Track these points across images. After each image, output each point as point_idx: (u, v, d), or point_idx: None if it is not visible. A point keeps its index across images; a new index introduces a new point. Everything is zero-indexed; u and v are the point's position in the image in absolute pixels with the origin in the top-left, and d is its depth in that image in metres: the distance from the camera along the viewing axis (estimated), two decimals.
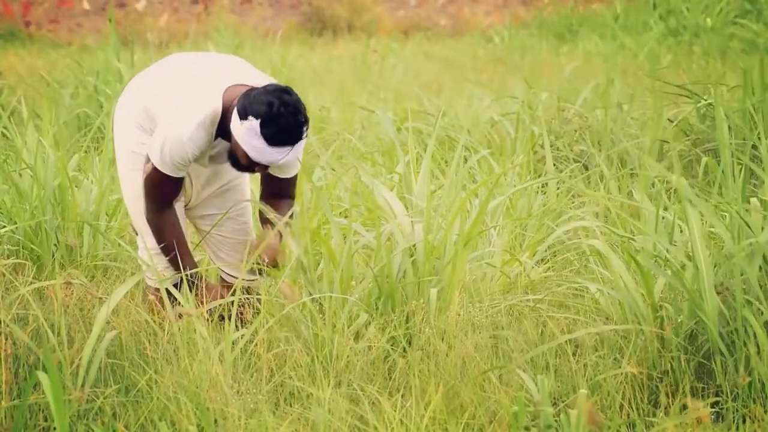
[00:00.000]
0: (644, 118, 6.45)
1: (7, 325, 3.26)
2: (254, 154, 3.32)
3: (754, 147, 5.46)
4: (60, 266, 4.36)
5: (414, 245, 3.61)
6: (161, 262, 3.58)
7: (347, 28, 15.17)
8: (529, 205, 4.72)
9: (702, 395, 3.19)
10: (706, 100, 5.98)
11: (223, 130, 3.41)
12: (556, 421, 2.91)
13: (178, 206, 3.58)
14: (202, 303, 3.50)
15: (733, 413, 3.14)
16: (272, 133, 3.27)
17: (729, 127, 5.65)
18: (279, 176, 3.55)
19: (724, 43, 11.69)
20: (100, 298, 3.69)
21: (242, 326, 3.55)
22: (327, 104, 8.13)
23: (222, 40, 12.29)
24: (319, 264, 3.73)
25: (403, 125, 6.44)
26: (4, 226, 4.46)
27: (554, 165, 5.95)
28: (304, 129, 3.32)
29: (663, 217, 4.04)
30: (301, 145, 3.36)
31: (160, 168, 3.40)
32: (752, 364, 3.15)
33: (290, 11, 16.10)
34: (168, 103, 3.42)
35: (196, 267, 3.56)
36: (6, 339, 3.25)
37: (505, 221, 4.33)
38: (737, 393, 3.17)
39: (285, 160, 3.35)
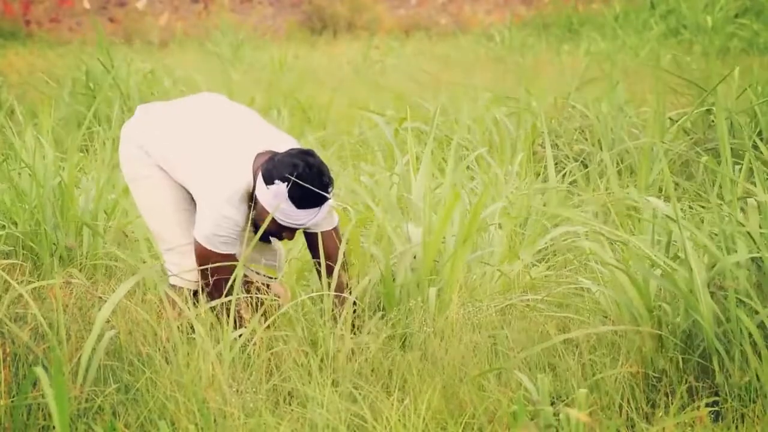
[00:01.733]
0: (645, 117, 6.45)
1: (6, 325, 3.26)
2: (283, 218, 3.35)
3: (754, 147, 5.46)
4: (59, 265, 4.35)
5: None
6: (188, 260, 3.56)
7: (348, 27, 15.17)
8: (528, 204, 4.71)
9: (700, 395, 3.19)
10: (707, 96, 5.98)
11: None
12: (555, 420, 2.91)
13: None
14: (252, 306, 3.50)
15: (732, 413, 3.14)
16: (299, 196, 3.31)
17: (731, 125, 5.65)
18: (315, 231, 3.55)
19: (725, 42, 11.69)
20: (100, 297, 3.69)
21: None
22: (327, 104, 8.13)
23: (222, 40, 12.29)
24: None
25: (402, 125, 6.44)
26: (4, 226, 4.46)
27: (554, 163, 5.95)
28: (330, 190, 3.36)
29: (662, 215, 4.03)
30: (327, 205, 3.38)
31: (208, 246, 3.39)
32: (749, 363, 3.15)
33: (291, 10, 16.09)
34: (198, 173, 3.41)
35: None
36: (5, 338, 3.25)
37: (502, 220, 4.33)
38: (735, 392, 3.17)
39: (313, 221, 3.38)
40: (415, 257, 3.69)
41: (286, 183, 3.30)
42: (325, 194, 3.34)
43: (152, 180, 3.54)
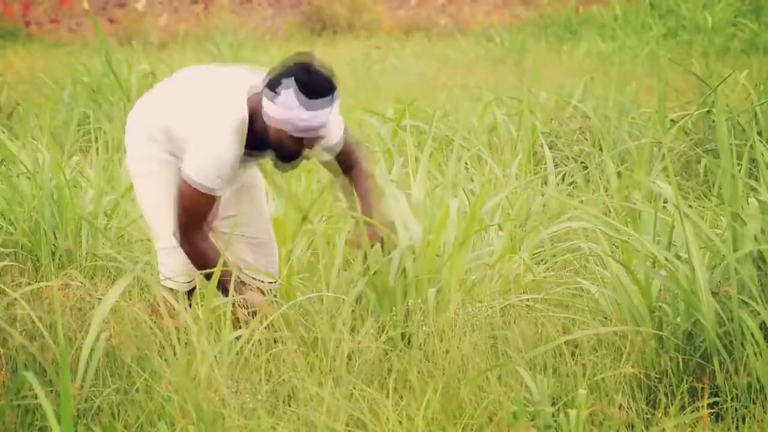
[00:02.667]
0: (644, 118, 6.45)
1: (3, 326, 3.26)
2: (297, 125, 3.33)
3: (753, 147, 5.45)
4: (58, 266, 4.35)
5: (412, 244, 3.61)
6: (180, 260, 3.56)
7: (347, 28, 15.17)
8: (528, 205, 4.71)
9: (700, 395, 3.18)
10: (707, 97, 5.97)
11: (251, 138, 3.42)
12: (555, 421, 2.91)
13: None
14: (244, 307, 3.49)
15: (732, 413, 3.13)
16: (307, 95, 3.30)
17: (732, 126, 5.65)
18: (332, 153, 3.59)
19: (724, 43, 11.69)
20: (99, 299, 3.69)
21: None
22: None
23: (222, 40, 12.29)
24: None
25: (401, 124, 6.43)
26: (1, 227, 4.45)
27: (554, 165, 5.95)
28: (334, 84, 3.35)
29: (664, 207, 4.03)
30: (336, 105, 3.37)
31: (200, 188, 3.37)
32: (750, 364, 3.15)
33: (290, 11, 16.10)
34: (192, 120, 3.41)
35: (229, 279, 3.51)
36: (4, 339, 3.24)
37: (502, 221, 4.33)
38: (736, 393, 3.16)
39: (326, 127, 3.37)
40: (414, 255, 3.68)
41: (291, 88, 3.29)
42: (332, 91, 3.33)
43: (155, 177, 3.53)
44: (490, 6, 16.91)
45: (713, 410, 3.15)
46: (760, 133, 5.82)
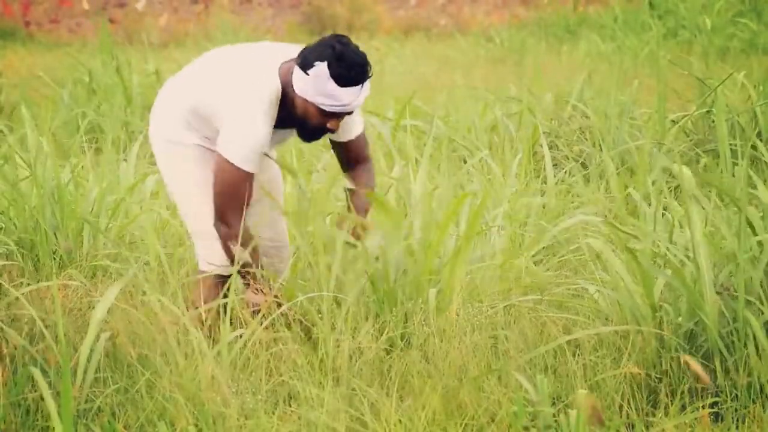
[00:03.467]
0: (645, 118, 6.45)
1: (3, 326, 3.26)
2: (327, 101, 3.31)
3: (753, 147, 5.45)
4: (59, 266, 4.35)
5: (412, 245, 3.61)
6: (218, 245, 3.51)
7: (347, 28, 15.16)
8: (529, 204, 4.71)
9: (701, 395, 3.18)
10: (707, 98, 5.98)
11: (279, 112, 3.40)
12: (555, 421, 2.91)
13: None
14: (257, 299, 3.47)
15: (733, 413, 3.13)
16: (341, 73, 3.28)
17: (732, 126, 5.65)
18: (351, 138, 3.57)
19: (724, 43, 11.69)
20: (99, 299, 3.68)
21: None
22: None
23: (222, 40, 12.28)
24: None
25: (400, 125, 6.43)
26: (2, 227, 4.45)
27: (554, 164, 5.95)
28: (368, 67, 3.34)
29: (663, 215, 4.03)
30: (367, 85, 3.36)
31: (241, 164, 3.33)
32: (752, 364, 3.15)
33: (290, 11, 16.09)
34: (225, 95, 3.38)
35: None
36: (4, 339, 3.24)
37: (503, 222, 4.33)
38: (736, 393, 3.16)
39: (357, 102, 3.34)
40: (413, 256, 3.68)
41: (325, 62, 3.28)
42: (365, 70, 3.32)
43: (187, 164, 3.50)
44: (490, 6, 16.91)
45: (713, 410, 3.15)
46: (759, 134, 5.82)
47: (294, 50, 3.46)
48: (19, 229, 4.40)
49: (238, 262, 3.38)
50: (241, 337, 3.28)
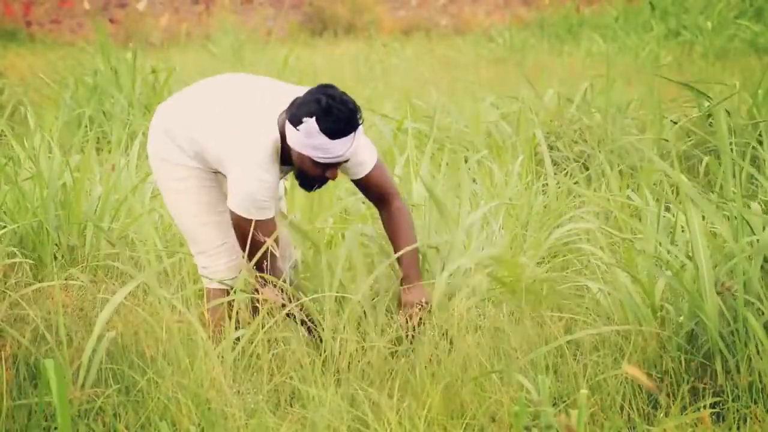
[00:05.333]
0: (645, 119, 6.45)
1: (6, 326, 3.26)
2: (320, 154, 3.33)
3: (754, 148, 5.45)
4: (61, 266, 4.35)
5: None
6: (221, 262, 3.57)
7: (348, 28, 15.17)
8: (530, 205, 4.71)
9: (702, 395, 3.19)
10: (709, 98, 5.98)
11: (282, 154, 3.42)
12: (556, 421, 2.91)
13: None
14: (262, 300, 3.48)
15: (734, 413, 3.14)
16: (330, 126, 3.30)
17: (731, 128, 5.65)
18: (363, 175, 3.55)
19: (725, 43, 11.69)
20: (103, 298, 3.69)
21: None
22: None
23: (223, 40, 12.29)
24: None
25: (401, 125, 6.43)
26: (5, 226, 4.46)
27: (554, 165, 5.95)
28: (358, 115, 3.35)
29: (664, 216, 4.04)
30: (360, 132, 3.37)
31: (254, 216, 3.37)
32: (753, 364, 3.15)
33: (291, 11, 16.10)
34: (225, 144, 3.39)
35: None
36: (6, 340, 3.25)
37: (504, 221, 4.33)
38: (738, 393, 3.17)
39: (350, 151, 3.35)
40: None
41: (313, 117, 3.29)
42: (354, 120, 3.32)
43: (184, 183, 3.53)
44: (491, 6, 16.92)
45: (714, 410, 3.16)
46: (759, 134, 5.82)
47: (291, 93, 3.47)
48: (21, 228, 4.41)
49: (240, 276, 3.42)
50: (240, 339, 3.29)
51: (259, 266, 3.42)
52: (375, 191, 3.57)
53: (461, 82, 9.27)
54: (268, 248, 3.39)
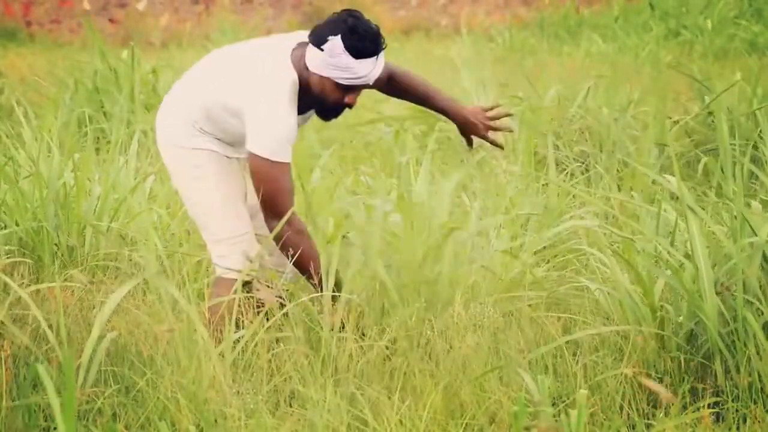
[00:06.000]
0: (646, 119, 6.45)
1: (6, 326, 3.26)
2: (343, 74, 3.30)
3: (755, 147, 5.45)
4: (60, 267, 4.35)
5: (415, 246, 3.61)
6: (236, 252, 3.50)
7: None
8: (530, 205, 4.71)
9: (702, 396, 3.19)
10: (709, 97, 5.98)
11: (302, 97, 3.39)
12: (556, 421, 2.91)
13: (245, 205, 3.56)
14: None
15: (734, 414, 3.14)
16: (355, 45, 3.28)
17: (732, 127, 5.65)
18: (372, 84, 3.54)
19: (725, 43, 11.69)
20: (102, 301, 3.69)
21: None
22: None
23: (223, 40, 12.28)
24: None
25: (403, 125, 6.43)
26: (4, 227, 4.46)
27: (555, 165, 5.95)
28: (381, 38, 3.34)
29: (665, 211, 4.03)
30: (382, 56, 3.37)
31: (277, 158, 3.29)
32: (752, 364, 3.15)
33: (291, 11, 16.10)
34: (242, 94, 3.35)
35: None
36: (6, 339, 3.24)
37: (504, 222, 4.33)
38: (737, 393, 3.16)
39: (374, 73, 3.34)
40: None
41: (339, 35, 3.27)
42: (378, 41, 3.31)
43: (201, 170, 3.47)
44: (491, 6, 16.92)
45: (714, 410, 3.15)
46: (760, 133, 5.82)
47: (298, 36, 3.44)
48: (20, 228, 4.40)
49: (252, 264, 3.39)
50: (239, 340, 3.28)
51: (280, 215, 3.34)
52: (384, 78, 3.60)
53: (461, 82, 9.26)
54: (286, 195, 3.32)
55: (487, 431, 3.01)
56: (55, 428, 2.98)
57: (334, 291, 3.40)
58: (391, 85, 3.72)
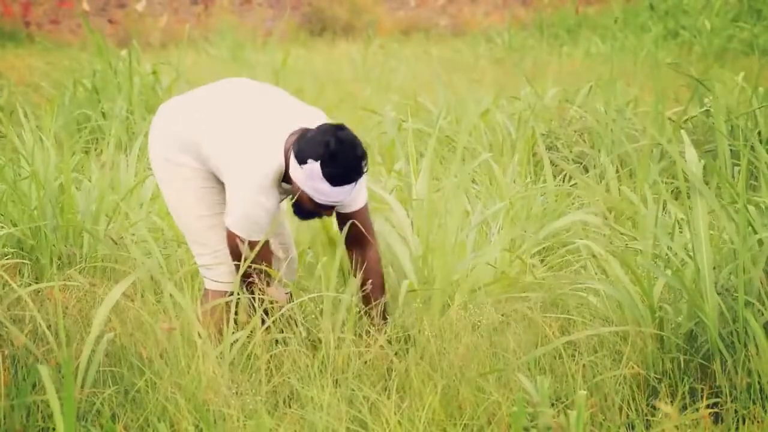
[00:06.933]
0: (645, 119, 6.45)
1: (6, 326, 3.26)
2: (319, 197, 3.31)
3: (752, 149, 5.45)
4: (59, 267, 4.35)
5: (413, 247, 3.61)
6: (227, 263, 3.53)
7: (347, 29, 15.17)
8: (529, 206, 4.71)
9: (701, 396, 3.19)
10: (708, 98, 5.98)
11: (285, 176, 3.40)
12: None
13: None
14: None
15: (733, 414, 3.14)
16: (333, 173, 3.26)
17: (731, 128, 5.65)
18: (351, 211, 3.51)
19: (724, 44, 11.70)
20: (100, 300, 3.69)
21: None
22: (329, 105, 8.13)
23: (222, 41, 12.29)
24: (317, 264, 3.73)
25: (403, 125, 6.43)
26: (2, 227, 4.45)
27: (554, 165, 5.95)
28: (364, 164, 3.31)
29: (665, 210, 4.03)
30: (363, 180, 3.36)
31: (254, 238, 3.36)
32: (752, 365, 3.15)
33: (290, 12, 16.10)
34: (229, 158, 3.37)
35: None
36: (4, 340, 3.24)
37: (504, 222, 4.33)
38: (737, 394, 3.16)
39: (350, 197, 3.35)
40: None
41: (319, 161, 3.25)
42: (359, 170, 3.29)
43: (187, 183, 3.51)
44: (490, 7, 16.92)
45: (713, 411, 3.16)
46: (759, 134, 5.82)
47: (303, 115, 3.43)
48: (19, 230, 4.40)
49: (241, 278, 3.41)
50: (237, 341, 3.29)
51: (248, 283, 3.41)
52: (356, 230, 3.50)
53: (460, 83, 9.27)
54: (256, 261, 3.37)
55: None
56: (53, 428, 2.98)
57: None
58: (354, 252, 3.58)
